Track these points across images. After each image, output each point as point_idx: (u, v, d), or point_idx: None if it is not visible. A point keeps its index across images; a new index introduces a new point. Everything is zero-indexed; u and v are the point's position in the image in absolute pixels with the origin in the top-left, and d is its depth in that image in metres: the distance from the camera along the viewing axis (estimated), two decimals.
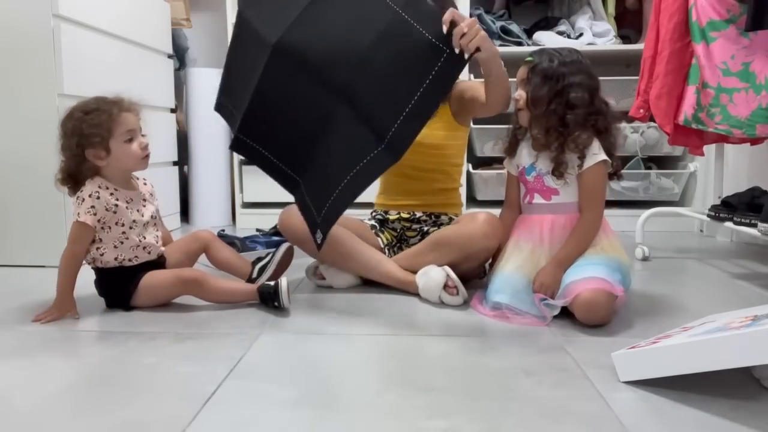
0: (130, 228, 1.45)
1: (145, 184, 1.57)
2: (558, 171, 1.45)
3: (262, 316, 1.43)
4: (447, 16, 1.27)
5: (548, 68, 1.44)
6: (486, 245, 1.56)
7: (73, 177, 1.43)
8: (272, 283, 1.46)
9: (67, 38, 1.93)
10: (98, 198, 1.40)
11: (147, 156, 1.46)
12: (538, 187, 1.52)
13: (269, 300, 1.45)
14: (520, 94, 1.49)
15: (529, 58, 1.49)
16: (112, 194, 1.43)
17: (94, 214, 1.39)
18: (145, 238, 1.48)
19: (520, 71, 1.50)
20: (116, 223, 1.43)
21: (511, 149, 1.58)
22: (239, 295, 1.50)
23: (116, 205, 1.42)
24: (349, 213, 1.67)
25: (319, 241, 1.42)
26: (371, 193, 1.83)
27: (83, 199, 1.40)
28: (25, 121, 1.93)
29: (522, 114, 1.50)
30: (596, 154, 1.44)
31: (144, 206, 1.50)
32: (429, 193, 1.75)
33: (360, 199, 1.37)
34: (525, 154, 1.55)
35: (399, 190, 1.77)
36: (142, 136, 1.46)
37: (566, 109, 1.43)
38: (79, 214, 1.39)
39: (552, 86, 1.43)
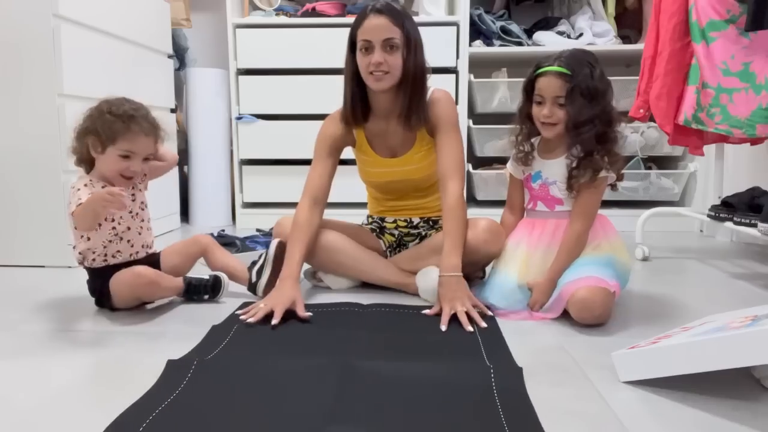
0: (119, 224, 1.45)
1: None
2: (570, 184, 1.43)
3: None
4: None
5: (590, 87, 1.38)
6: (487, 252, 1.55)
7: (83, 159, 1.46)
8: (207, 276, 1.56)
9: (67, 38, 1.93)
10: (93, 187, 1.40)
11: (127, 178, 1.44)
12: (542, 195, 1.50)
13: (200, 292, 1.54)
14: (553, 111, 1.42)
15: (560, 69, 1.40)
16: (104, 187, 1.41)
17: None
18: (129, 229, 1.48)
19: (554, 84, 1.41)
20: (105, 219, 1.43)
21: (528, 161, 1.54)
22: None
23: None
24: (346, 215, 1.67)
25: None
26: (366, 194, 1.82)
27: (78, 188, 1.38)
28: (25, 121, 1.93)
29: (550, 128, 1.45)
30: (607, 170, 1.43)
31: (133, 198, 1.49)
32: (423, 201, 1.71)
33: (355, 199, 1.33)
34: (531, 161, 1.53)
35: (391, 203, 1.73)
36: (145, 160, 1.45)
37: (605, 127, 1.40)
38: (80, 199, 1.34)
39: (595, 107, 1.39)
